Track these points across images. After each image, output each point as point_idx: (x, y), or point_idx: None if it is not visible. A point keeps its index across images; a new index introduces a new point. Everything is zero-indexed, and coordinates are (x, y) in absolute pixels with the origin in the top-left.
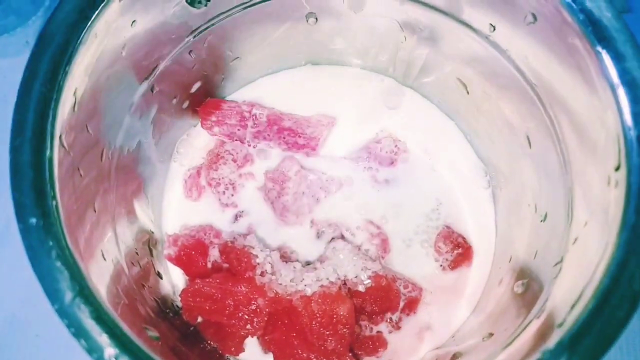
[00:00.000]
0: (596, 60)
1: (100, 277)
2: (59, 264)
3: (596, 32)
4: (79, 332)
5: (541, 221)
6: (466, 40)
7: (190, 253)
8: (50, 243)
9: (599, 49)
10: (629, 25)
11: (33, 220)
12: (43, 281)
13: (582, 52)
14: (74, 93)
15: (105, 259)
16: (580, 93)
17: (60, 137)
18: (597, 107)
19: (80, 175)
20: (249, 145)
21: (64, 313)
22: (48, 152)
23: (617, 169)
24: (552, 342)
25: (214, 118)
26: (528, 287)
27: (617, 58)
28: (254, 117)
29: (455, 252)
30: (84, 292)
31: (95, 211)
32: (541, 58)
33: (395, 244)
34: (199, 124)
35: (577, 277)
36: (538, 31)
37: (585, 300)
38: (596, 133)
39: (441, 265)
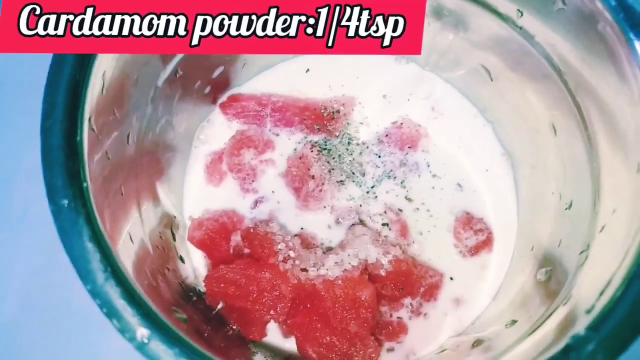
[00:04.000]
0: (628, 48)
1: (128, 258)
2: (90, 245)
3: (628, 19)
4: (111, 312)
5: (566, 209)
6: (492, 26)
7: (214, 237)
8: (82, 224)
9: (631, 36)
10: None
11: (65, 202)
12: (75, 262)
13: (613, 39)
14: (103, 76)
15: (132, 241)
16: (610, 81)
17: (89, 119)
18: (627, 95)
19: (108, 158)
20: (270, 132)
21: (96, 294)
22: (78, 134)
23: None
24: (581, 326)
25: (233, 111)
26: (552, 275)
27: None
28: (272, 104)
29: (475, 238)
30: (116, 273)
31: (122, 194)
32: (570, 45)
33: (415, 230)
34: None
35: (605, 264)
36: (567, 17)
37: (614, 287)
38: (625, 122)
39: (461, 252)
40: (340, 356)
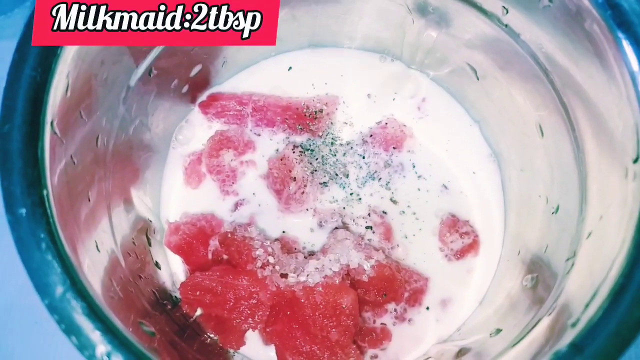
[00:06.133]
0: (615, 46)
1: (93, 269)
2: (49, 256)
3: (616, 17)
4: (69, 328)
5: (553, 213)
6: (477, 24)
7: (192, 242)
8: (41, 235)
9: (619, 34)
10: None
11: (22, 211)
12: (32, 275)
13: (601, 38)
14: (67, 76)
15: (99, 251)
16: (597, 80)
17: (51, 123)
18: (614, 95)
19: (74, 163)
20: (251, 132)
21: (54, 308)
22: (39, 139)
23: (636, 160)
24: (564, 343)
25: (213, 110)
26: (538, 281)
27: (638, 44)
28: (253, 103)
29: (461, 241)
30: (76, 286)
31: (89, 200)
32: (556, 43)
33: (400, 233)
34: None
35: (591, 274)
36: (553, 14)
37: (600, 299)
38: (613, 122)
39: (446, 255)
40: None
